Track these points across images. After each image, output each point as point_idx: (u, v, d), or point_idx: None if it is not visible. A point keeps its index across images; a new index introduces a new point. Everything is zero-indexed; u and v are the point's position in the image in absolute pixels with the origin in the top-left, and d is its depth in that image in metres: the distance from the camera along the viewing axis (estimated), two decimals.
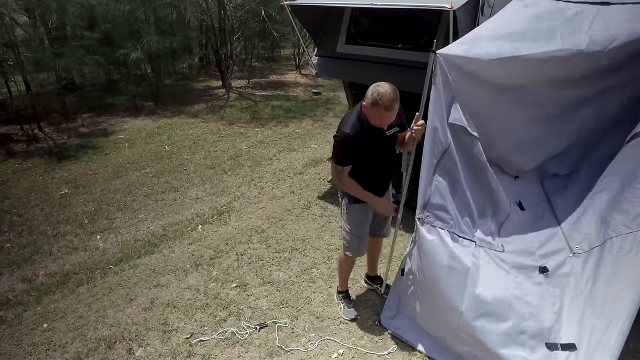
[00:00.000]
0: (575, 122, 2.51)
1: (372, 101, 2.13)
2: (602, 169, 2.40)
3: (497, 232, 2.40)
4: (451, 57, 2.13)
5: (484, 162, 2.29)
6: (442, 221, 2.32)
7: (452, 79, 2.17)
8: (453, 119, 2.23)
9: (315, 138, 6.24)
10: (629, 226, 2.21)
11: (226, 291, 3.11)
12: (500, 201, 2.37)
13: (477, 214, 2.35)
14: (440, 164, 2.28)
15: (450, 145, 2.25)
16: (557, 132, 2.52)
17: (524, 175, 2.60)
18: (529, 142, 2.52)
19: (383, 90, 2.11)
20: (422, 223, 2.35)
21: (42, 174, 5.14)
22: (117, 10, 7.09)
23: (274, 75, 10.48)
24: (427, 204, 2.34)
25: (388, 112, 2.15)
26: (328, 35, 4.27)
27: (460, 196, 2.32)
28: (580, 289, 2.20)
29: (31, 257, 3.59)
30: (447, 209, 2.31)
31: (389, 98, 2.11)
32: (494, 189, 2.35)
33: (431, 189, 2.32)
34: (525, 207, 2.53)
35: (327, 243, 3.66)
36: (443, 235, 2.30)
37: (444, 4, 2.82)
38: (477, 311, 2.23)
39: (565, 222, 2.44)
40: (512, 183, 2.51)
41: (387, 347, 2.60)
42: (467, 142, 2.26)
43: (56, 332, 2.81)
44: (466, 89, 2.23)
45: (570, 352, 2.11)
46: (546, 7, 2.47)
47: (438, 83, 2.17)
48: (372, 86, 2.16)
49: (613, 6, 2.43)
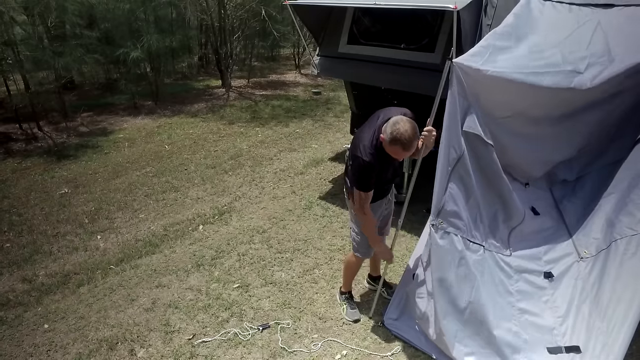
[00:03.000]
0: (584, 128, 2.50)
1: (392, 139, 2.10)
2: (611, 174, 2.39)
3: (507, 236, 2.40)
4: (467, 68, 2.14)
5: (498, 170, 2.29)
6: (455, 227, 2.33)
7: (468, 87, 2.17)
8: (468, 126, 2.23)
9: (316, 138, 6.23)
10: (634, 228, 2.20)
11: (228, 292, 3.10)
12: (514, 207, 2.37)
13: (489, 220, 2.36)
14: (454, 171, 2.29)
15: (464, 152, 2.25)
16: (567, 138, 2.51)
17: (534, 182, 2.61)
18: (540, 149, 2.52)
19: (403, 130, 2.07)
20: (437, 230, 2.35)
21: (42, 173, 5.12)
22: (117, 9, 7.06)
23: (274, 74, 10.47)
24: (441, 211, 2.34)
25: (406, 151, 2.14)
26: (330, 35, 4.25)
27: (473, 203, 2.33)
28: (587, 292, 2.20)
29: (31, 257, 3.56)
30: (461, 215, 2.32)
31: (409, 138, 2.07)
32: (507, 196, 2.35)
33: (445, 196, 2.32)
34: (539, 211, 2.54)
35: (329, 243, 3.65)
36: (455, 241, 2.31)
37: (448, 4, 2.81)
38: (479, 316, 2.24)
39: (574, 228, 2.44)
40: (522, 190, 2.53)
41: (390, 349, 2.59)
42: (482, 151, 2.26)
43: (57, 332, 2.79)
44: (480, 98, 2.23)
45: (575, 354, 2.10)
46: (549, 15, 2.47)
47: (454, 91, 2.17)
48: (392, 122, 2.12)
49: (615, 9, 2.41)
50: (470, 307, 2.27)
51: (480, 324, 2.27)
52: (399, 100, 4.04)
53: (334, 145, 5.90)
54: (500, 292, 2.31)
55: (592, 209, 2.40)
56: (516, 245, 2.41)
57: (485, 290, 2.28)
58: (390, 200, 2.72)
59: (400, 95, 3.99)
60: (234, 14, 8.51)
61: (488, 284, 2.28)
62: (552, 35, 2.34)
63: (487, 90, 2.21)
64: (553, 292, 2.29)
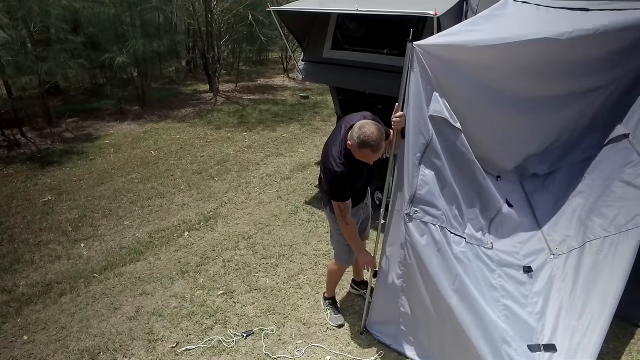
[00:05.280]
0: (556, 123, 2.54)
1: (360, 143, 2.12)
2: (581, 170, 2.44)
3: (487, 228, 2.38)
4: (428, 46, 2.08)
5: (469, 154, 2.25)
6: (431, 216, 2.25)
7: (431, 71, 2.13)
8: (433, 110, 2.18)
9: (302, 142, 6.24)
10: (607, 229, 2.26)
11: (212, 299, 3.09)
12: (489, 195, 2.34)
13: (466, 208, 2.32)
14: (424, 157, 2.23)
15: (432, 137, 2.20)
16: (538, 131, 2.54)
17: (505, 175, 2.61)
18: (509, 141, 2.53)
19: (369, 132, 2.09)
20: (411, 219, 2.27)
21: (24, 180, 5.05)
22: (102, 13, 7.01)
23: (262, 78, 10.47)
24: (414, 198, 2.25)
25: (375, 153, 2.15)
26: (314, 41, 4.28)
27: (448, 190, 2.27)
28: (561, 291, 2.24)
29: (11, 267, 3.51)
30: (437, 203, 2.24)
31: (376, 139, 2.09)
32: (482, 183, 2.31)
33: (417, 181, 2.24)
34: (512, 204, 2.55)
35: (314, 248, 3.66)
36: (434, 231, 2.24)
37: (428, 10, 2.86)
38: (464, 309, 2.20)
39: (543, 223, 2.48)
40: (495, 183, 2.51)
41: (373, 354, 2.60)
42: (450, 134, 2.22)
43: (37, 344, 2.75)
44: (445, 83, 2.18)
45: (552, 353, 2.14)
46: (526, 11, 2.52)
47: (416, 74, 2.12)
48: (357, 127, 2.14)
49: (592, 12, 2.49)
50: (453, 300, 2.19)
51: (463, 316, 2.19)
52: (382, 104, 4.07)
53: (320, 149, 5.83)
54: (485, 286, 2.26)
55: (562, 204, 2.44)
56: (495, 237, 2.39)
57: (471, 283, 2.21)
58: (367, 204, 2.74)
59: (384, 99, 4.02)
60: (221, 18, 8.51)
61: (472, 278, 2.23)
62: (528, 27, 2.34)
63: (452, 72, 2.16)
64: (531, 288, 2.30)
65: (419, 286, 2.36)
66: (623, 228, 2.24)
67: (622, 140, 2.40)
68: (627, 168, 2.32)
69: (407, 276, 2.42)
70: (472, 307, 2.19)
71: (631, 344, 2.60)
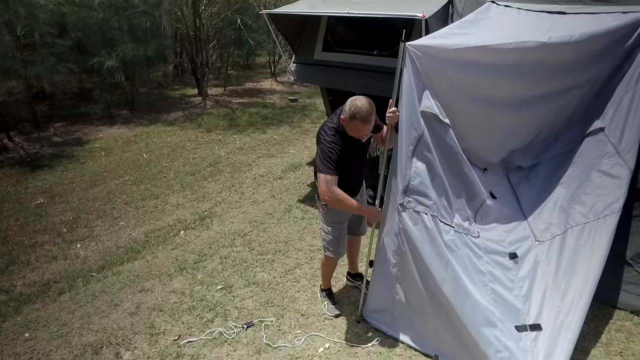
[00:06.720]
0: (537, 118, 2.71)
1: (351, 115, 2.26)
2: (562, 162, 2.61)
3: (473, 218, 2.52)
4: (420, 47, 2.24)
5: (457, 148, 2.40)
6: (424, 206, 2.39)
7: (422, 70, 2.28)
8: (424, 106, 2.33)
9: (293, 144, 6.34)
10: (586, 216, 2.43)
11: (212, 293, 3.16)
12: (475, 187, 2.49)
13: (454, 199, 2.46)
14: (417, 150, 2.37)
15: (424, 131, 2.35)
16: (521, 127, 2.71)
17: (492, 168, 2.78)
18: (494, 136, 2.69)
19: (360, 104, 2.25)
20: (404, 209, 2.40)
21: (15, 184, 5.02)
22: (90, 17, 7.01)
23: (250, 82, 10.55)
24: (408, 188, 2.39)
25: (366, 124, 2.29)
26: (305, 43, 4.40)
27: (438, 182, 2.41)
28: (545, 275, 2.39)
29: (7, 268, 3.51)
30: (428, 193, 2.38)
31: (367, 111, 2.25)
32: (468, 175, 2.46)
33: (410, 172, 2.38)
34: (496, 195, 2.70)
35: (309, 244, 3.76)
36: (426, 220, 2.37)
37: (417, 13, 3.01)
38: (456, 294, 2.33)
39: (528, 212, 2.64)
40: (481, 175, 2.66)
41: (370, 340, 2.71)
42: (440, 129, 2.37)
43: (39, 340, 2.77)
44: (435, 81, 2.34)
45: (538, 332, 2.28)
46: (509, 14, 2.70)
47: (409, 71, 2.27)
48: (349, 101, 2.30)
49: (569, 16, 2.68)
50: (445, 286, 2.32)
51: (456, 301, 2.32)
52: None
53: (311, 150, 6.03)
54: (474, 272, 2.39)
55: (545, 195, 2.61)
56: (481, 226, 2.55)
57: (461, 269, 2.34)
58: (362, 200, 2.83)
59: (375, 99, 4.16)
60: (209, 23, 8.58)
61: (461, 264, 2.36)
62: (510, 31, 2.53)
63: (442, 71, 2.32)
64: (517, 273, 2.45)
65: (413, 274, 2.49)
66: (601, 214, 2.42)
67: (598, 134, 2.58)
68: (603, 159, 2.50)
69: (401, 264, 2.54)
70: (463, 292, 2.32)
71: (610, 323, 2.77)
